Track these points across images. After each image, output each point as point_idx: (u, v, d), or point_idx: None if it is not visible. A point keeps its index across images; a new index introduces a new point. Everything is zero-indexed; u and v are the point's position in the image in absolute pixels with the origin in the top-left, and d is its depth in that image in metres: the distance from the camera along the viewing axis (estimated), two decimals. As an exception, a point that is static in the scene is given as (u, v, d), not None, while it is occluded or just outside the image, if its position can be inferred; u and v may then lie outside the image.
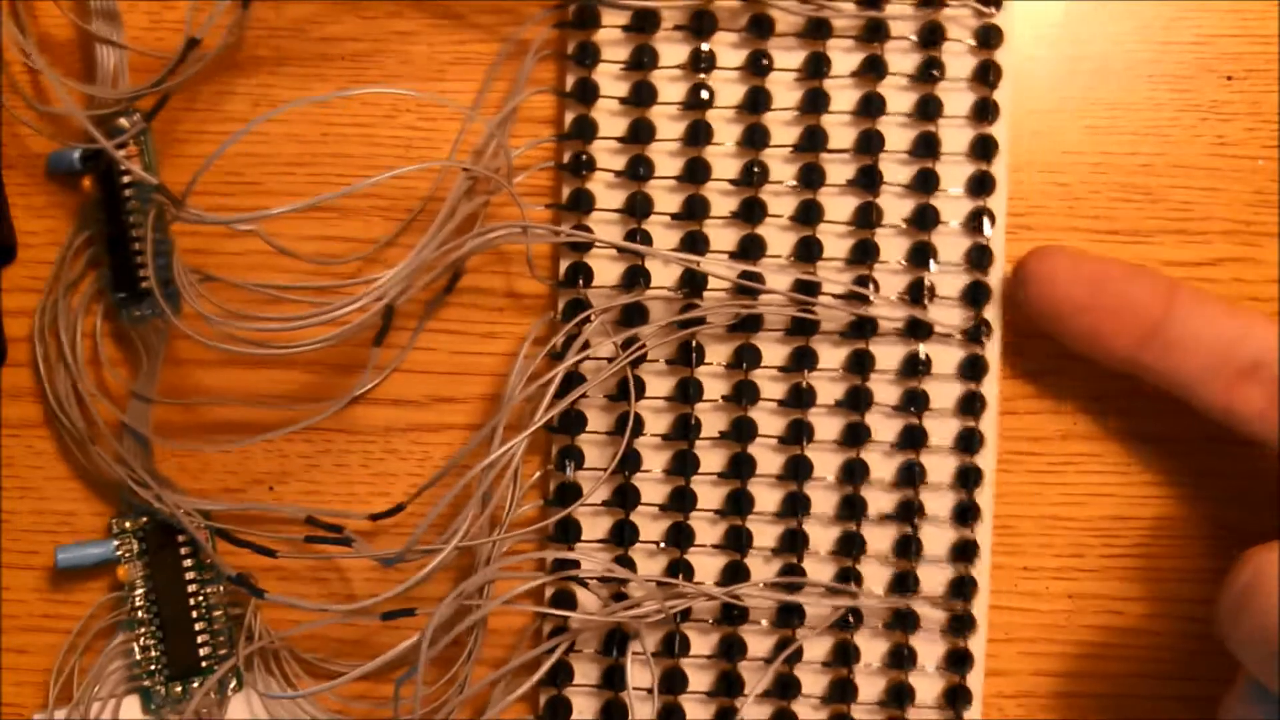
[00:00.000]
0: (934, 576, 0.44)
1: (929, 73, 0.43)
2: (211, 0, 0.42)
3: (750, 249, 0.44)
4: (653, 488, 0.44)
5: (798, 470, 0.44)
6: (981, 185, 0.44)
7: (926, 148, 0.44)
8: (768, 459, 0.44)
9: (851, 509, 0.44)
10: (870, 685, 0.44)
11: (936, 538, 0.44)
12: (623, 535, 0.44)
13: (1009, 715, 0.46)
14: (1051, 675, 0.46)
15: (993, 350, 0.44)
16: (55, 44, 0.45)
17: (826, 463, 0.44)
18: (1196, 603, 0.45)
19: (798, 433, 0.44)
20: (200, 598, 0.44)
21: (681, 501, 0.44)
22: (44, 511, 0.45)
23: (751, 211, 0.44)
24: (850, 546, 0.44)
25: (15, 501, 0.45)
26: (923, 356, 0.44)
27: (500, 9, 0.45)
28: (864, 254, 0.44)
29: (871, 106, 0.44)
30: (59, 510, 0.45)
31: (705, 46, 0.44)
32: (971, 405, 0.44)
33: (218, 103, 0.45)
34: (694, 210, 0.44)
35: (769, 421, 0.44)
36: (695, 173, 0.44)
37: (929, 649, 0.44)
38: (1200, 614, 0.45)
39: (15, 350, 0.45)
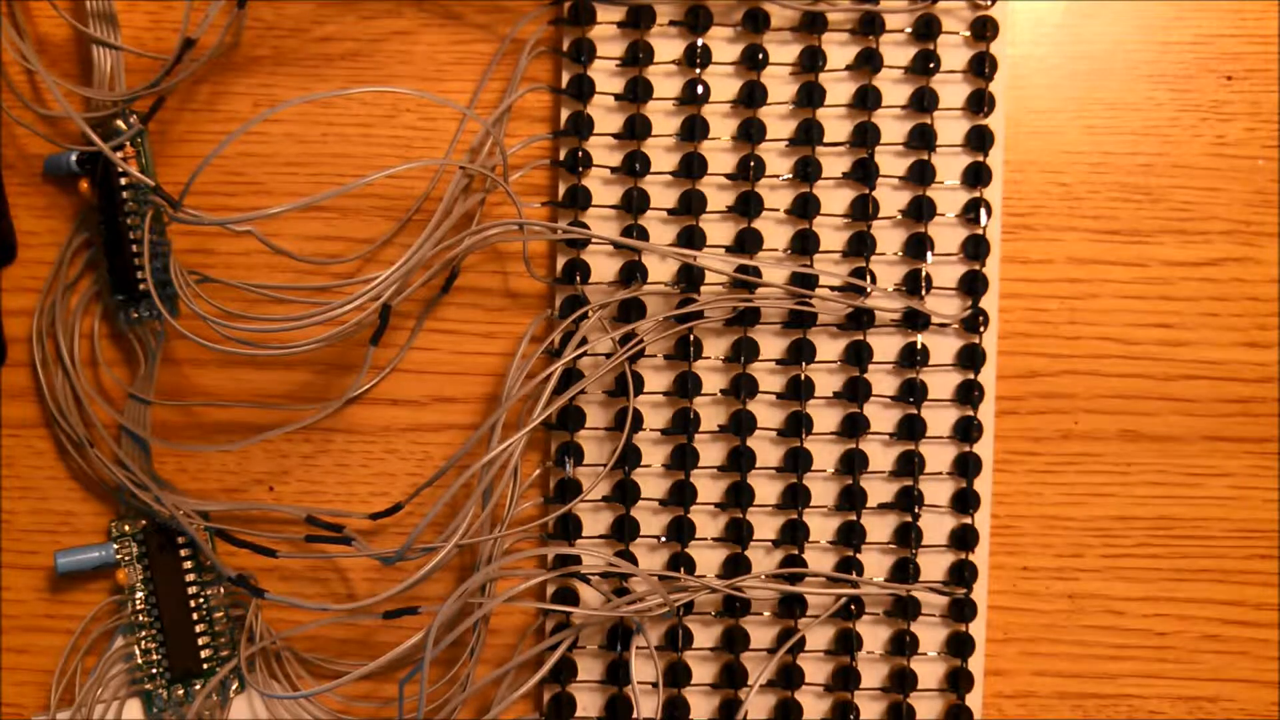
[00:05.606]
0: (934, 563, 0.44)
1: (924, 65, 0.44)
2: (208, 0, 0.42)
3: (747, 243, 0.44)
4: (653, 482, 0.44)
5: (797, 462, 0.44)
6: (977, 176, 0.44)
7: (922, 140, 0.44)
8: (767, 451, 0.44)
9: (851, 499, 0.44)
10: (873, 672, 0.44)
11: (936, 525, 0.44)
12: (623, 530, 0.44)
13: (1009, 715, 0.45)
14: (1051, 675, 0.45)
15: (990, 339, 0.44)
16: (52, 46, 0.45)
17: (826, 453, 0.44)
18: (1197, 602, 0.45)
19: (796, 424, 0.44)
20: (200, 599, 0.44)
21: (681, 495, 0.44)
22: (44, 511, 0.45)
23: (748, 205, 0.44)
24: (850, 536, 0.44)
25: (15, 502, 0.45)
26: (920, 347, 0.44)
27: (500, 8, 0.45)
28: (861, 246, 0.44)
29: (867, 99, 0.44)
30: (59, 510, 0.45)
31: (700, 41, 0.44)
32: (969, 394, 0.44)
33: (216, 103, 0.45)
34: (690, 205, 0.44)
35: (768, 414, 0.44)
36: (691, 167, 0.44)
37: (930, 634, 0.44)
38: (1201, 614, 0.45)
39: (15, 350, 0.45)
